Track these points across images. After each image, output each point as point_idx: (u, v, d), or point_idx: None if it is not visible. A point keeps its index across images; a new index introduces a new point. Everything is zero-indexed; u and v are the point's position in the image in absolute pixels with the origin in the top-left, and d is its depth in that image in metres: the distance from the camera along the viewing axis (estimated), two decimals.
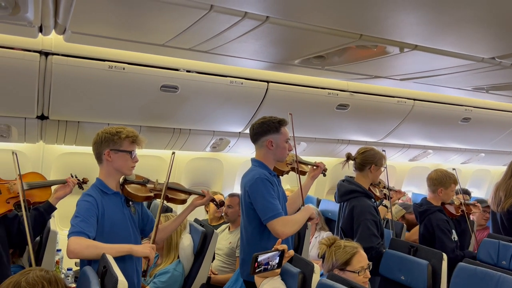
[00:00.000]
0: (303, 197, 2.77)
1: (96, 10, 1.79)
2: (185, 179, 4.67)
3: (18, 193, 2.42)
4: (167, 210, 3.58)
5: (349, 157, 3.08)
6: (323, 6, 1.65)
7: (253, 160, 2.66)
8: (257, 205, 2.44)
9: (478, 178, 7.11)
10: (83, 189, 2.83)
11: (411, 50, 2.25)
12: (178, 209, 4.26)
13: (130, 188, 2.47)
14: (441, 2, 1.50)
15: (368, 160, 3.00)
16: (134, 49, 2.67)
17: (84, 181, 2.91)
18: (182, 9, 1.73)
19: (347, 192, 2.98)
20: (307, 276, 2.08)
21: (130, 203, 2.48)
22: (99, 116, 3.47)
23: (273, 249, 1.88)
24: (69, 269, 3.17)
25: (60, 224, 3.94)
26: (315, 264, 2.11)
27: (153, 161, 4.34)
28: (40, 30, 2.21)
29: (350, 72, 3.01)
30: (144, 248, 2.21)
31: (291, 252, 2.01)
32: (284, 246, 1.90)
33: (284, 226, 2.39)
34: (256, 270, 1.78)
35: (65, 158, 4.04)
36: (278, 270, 1.92)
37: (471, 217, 3.99)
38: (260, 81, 3.54)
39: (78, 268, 3.43)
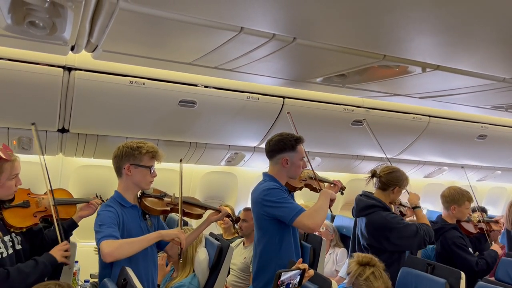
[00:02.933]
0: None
1: (130, 30, 1.85)
2: (200, 192, 4.70)
3: (46, 207, 2.47)
4: (183, 223, 3.60)
5: (374, 174, 3.04)
6: (348, 27, 1.69)
7: (265, 174, 2.67)
8: (276, 212, 2.43)
9: (494, 195, 7.01)
10: None
11: (433, 70, 2.27)
12: (193, 223, 4.29)
13: (147, 201, 2.51)
14: (463, 24, 1.53)
15: (394, 181, 2.97)
16: (160, 66, 2.75)
17: None
18: (213, 31, 1.79)
19: (367, 206, 2.95)
20: None
21: (147, 216, 2.52)
22: (118, 129, 3.53)
23: (294, 267, 1.89)
24: (86, 281, 3.21)
25: (77, 235, 3.99)
26: (332, 281, 2.11)
27: (169, 174, 4.39)
28: (71, 48, 2.29)
29: (370, 90, 3.04)
30: (173, 231, 2.30)
31: (311, 272, 2.01)
32: (305, 265, 1.92)
33: (311, 218, 2.35)
34: None
35: (83, 171, 4.10)
36: None
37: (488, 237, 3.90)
38: (276, 96, 3.58)
39: (95, 280, 3.48)
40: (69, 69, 2.90)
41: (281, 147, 2.56)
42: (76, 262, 3.36)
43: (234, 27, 1.81)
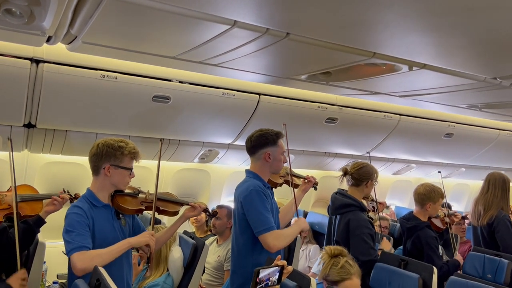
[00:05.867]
0: (297, 209, 2.79)
1: (115, 22, 1.76)
2: (172, 190, 4.61)
3: (9, 205, 2.35)
4: (156, 222, 3.52)
5: (346, 172, 3.10)
6: (340, 23, 1.68)
7: (248, 171, 2.66)
8: (250, 217, 2.44)
9: (458, 192, 7.26)
10: None
11: (420, 69, 2.31)
12: (164, 219, 4.21)
13: (120, 200, 2.42)
14: (450, 26, 1.57)
15: (365, 176, 3.05)
16: (140, 60, 2.66)
17: (76, 197, 2.84)
18: (205, 24, 1.73)
19: (343, 205, 3.01)
20: None
21: (120, 215, 2.44)
22: (88, 125, 3.41)
23: (273, 264, 1.87)
24: (55, 282, 3.08)
25: (44, 234, 3.84)
26: (311, 278, 2.11)
27: (140, 171, 4.29)
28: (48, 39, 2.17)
29: (352, 88, 3.06)
30: (143, 237, 2.22)
31: (290, 268, 2.01)
32: (284, 262, 1.90)
33: (276, 239, 2.40)
34: (258, 286, 1.77)
35: (50, 168, 3.95)
36: (278, 286, 1.91)
37: (451, 230, 4.07)
38: (251, 93, 3.56)
39: (62, 280, 3.35)
40: (37, 61, 2.77)
41: (263, 142, 2.56)
42: (44, 262, 3.23)
43: (227, 21, 1.77)
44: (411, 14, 1.47)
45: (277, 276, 1.87)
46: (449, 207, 5.31)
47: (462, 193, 7.37)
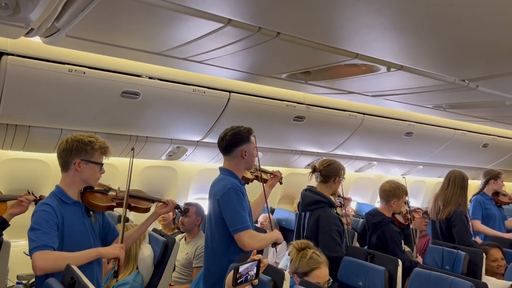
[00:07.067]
0: (267, 203, 2.84)
1: (107, 16, 1.71)
2: (138, 187, 4.53)
3: None
4: (126, 220, 3.46)
5: (315, 169, 3.18)
6: (328, 25, 1.72)
7: (222, 169, 2.67)
8: (226, 215, 2.46)
9: (416, 188, 7.58)
10: None
11: (397, 70, 2.40)
12: (131, 216, 4.15)
13: (91, 197, 2.38)
14: (425, 31, 1.66)
15: (333, 172, 3.13)
16: (122, 56, 2.60)
17: (41, 198, 2.74)
18: (198, 21, 1.72)
19: (313, 202, 3.08)
20: (278, 283, 2.12)
21: (91, 212, 2.39)
22: (52, 121, 3.31)
23: (249, 259, 1.90)
24: (18, 283, 2.97)
25: (6, 233, 3.68)
26: (285, 272, 2.15)
27: (105, 168, 4.20)
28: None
29: (329, 87, 3.14)
30: (113, 249, 2.18)
31: (266, 261, 2.04)
32: (260, 256, 1.93)
33: (251, 238, 2.44)
34: (238, 282, 1.79)
35: (10, 164, 3.79)
36: (256, 281, 1.95)
37: (411, 225, 4.27)
38: (222, 90, 3.56)
39: (24, 281, 3.24)
40: (0, 53, 2.66)
41: (238, 139, 2.58)
42: None
43: (221, 19, 1.76)
44: (393, 18, 1.54)
45: (255, 271, 1.90)
46: (407, 203, 5.55)
47: (419, 189, 7.69)
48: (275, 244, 2.72)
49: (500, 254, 3.49)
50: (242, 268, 1.82)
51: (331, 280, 2.37)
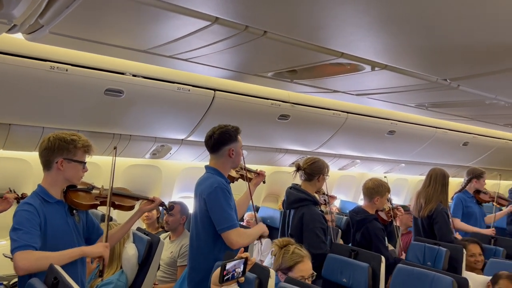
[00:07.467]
0: (252, 202, 2.85)
1: (93, 13, 1.68)
2: (122, 186, 4.50)
3: None
4: (110, 219, 3.43)
5: (299, 167, 3.20)
6: (314, 24, 1.74)
7: (208, 167, 2.66)
8: (214, 214, 2.45)
9: (398, 186, 7.69)
10: None
11: (381, 69, 2.44)
12: (114, 214, 4.11)
13: (74, 196, 2.35)
14: (409, 31, 1.70)
15: (317, 170, 3.15)
16: (107, 53, 2.56)
17: (23, 197, 2.70)
18: (184, 19, 1.71)
19: (297, 200, 3.10)
20: (263, 281, 2.13)
21: (74, 211, 2.36)
22: (34, 119, 3.25)
23: (236, 257, 1.91)
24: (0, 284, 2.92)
25: None
26: (270, 269, 2.17)
27: (88, 167, 4.15)
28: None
29: (314, 86, 3.16)
30: (97, 248, 2.17)
31: (253, 259, 2.06)
32: (247, 254, 1.95)
33: (239, 236, 2.45)
34: (224, 279, 1.80)
35: None
36: (243, 278, 1.96)
37: (395, 222, 4.34)
38: (207, 89, 3.55)
39: (5, 282, 3.18)
40: None
41: (226, 138, 2.57)
42: None
43: (208, 17, 1.75)
44: (378, 18, 1.57)
45: (241, 268, 1.91)
46: (389, 200, 5.64)
47: (401, 187, 7.81)
48: (261, 237, 2.72)
49: (478, 250, 3.58)
50: (229, 266, 1.83)
51: (315, 274, 2.39)
